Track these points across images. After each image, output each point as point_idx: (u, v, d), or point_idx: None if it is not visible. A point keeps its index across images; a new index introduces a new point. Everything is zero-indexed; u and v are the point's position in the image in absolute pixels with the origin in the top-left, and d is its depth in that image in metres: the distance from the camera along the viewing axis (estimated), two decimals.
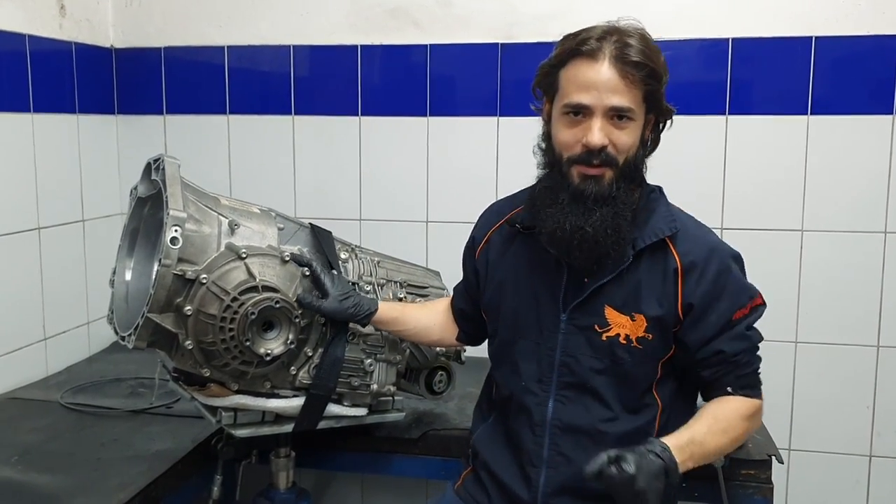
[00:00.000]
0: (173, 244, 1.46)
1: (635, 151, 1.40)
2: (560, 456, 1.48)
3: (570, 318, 1.48)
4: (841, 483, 2.44)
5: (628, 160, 1.39)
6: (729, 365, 1.47)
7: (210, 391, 1.64)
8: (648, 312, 1.43)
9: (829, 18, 2.28)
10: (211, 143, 2.66)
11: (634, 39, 1.36)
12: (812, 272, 2.38)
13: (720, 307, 1.45)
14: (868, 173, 2.31)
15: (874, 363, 2.38)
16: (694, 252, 1.45)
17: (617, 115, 1.36)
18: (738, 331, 1.46)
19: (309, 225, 1.79)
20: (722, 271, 1.45)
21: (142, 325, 1.49)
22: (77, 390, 2.19)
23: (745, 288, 1.49)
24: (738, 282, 1.48)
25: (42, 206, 2.34)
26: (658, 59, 1.38)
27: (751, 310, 1.47)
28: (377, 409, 1.81)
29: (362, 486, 2.69)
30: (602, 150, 1.37)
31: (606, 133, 1.36)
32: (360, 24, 2.53)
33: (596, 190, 1.38)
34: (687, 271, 1.43)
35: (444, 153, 2.54)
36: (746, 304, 1.47)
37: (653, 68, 1.36)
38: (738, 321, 1.46)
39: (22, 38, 2.26)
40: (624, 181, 1.40)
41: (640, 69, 1.34)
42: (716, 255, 1.46)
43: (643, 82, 1.35)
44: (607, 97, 1.35)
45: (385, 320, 1.67)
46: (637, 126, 1.39)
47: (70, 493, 1.58)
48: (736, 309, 1.46)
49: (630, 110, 1.36)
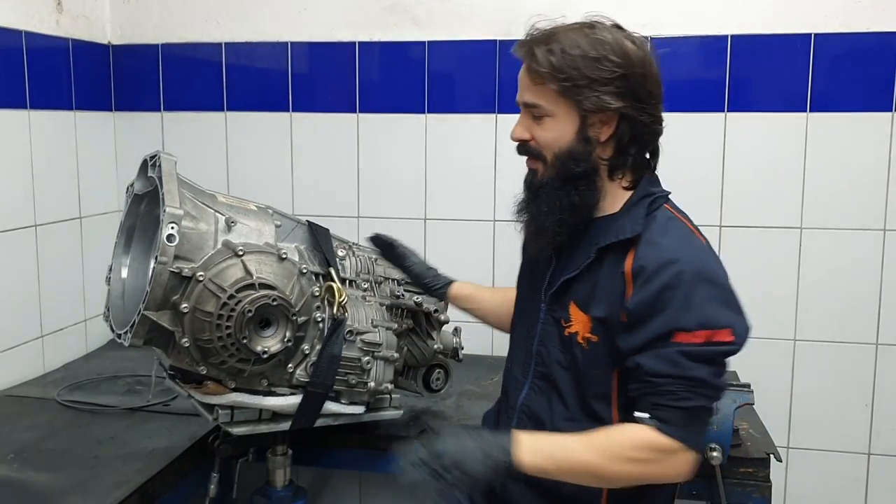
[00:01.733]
0: (170, 241, 1.46)
1: (566, 148, 1.39)
2: None
3: (548, 308, 1.50)
4: (839, 481, 2.44)
5: (558, 156, 1.40)
6: (645, 385, 1.32)
7: (207, 389, 1.64)
8: (594, 313, 1.41)
9: (829, 15, 2.27)
10: (208, 139, 2.66)
11: (554, 40, 1.37)
12: (811, 270, 2.37)
13: (656, 321, 1.31)
14: (867, 170, 2.31)
15: (873, 361, 2.38)
16: (648, 259, 1.34)
17: (534, 112, 1.42)
18: (668, 352, 1.30)
19: (306, 222, 1.78)
20: (672, 285, 1.30)
21: (138, 323, 1.48)
22: (74, 388, 2.19)
23: (701, 312, 1.30)
24: (690, 301, 1.30)
25: (39, 202, 2.34)
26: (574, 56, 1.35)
27: (704, 340, 1.29)
28: (374, 407, 1.80)
29: (360, 483, 2.69)
30: (523, 144, 1.44)
31: (527, 127, 1.43)
32: (358, 20, 2.53)
33: (530, 180, 1.46)
34: (634, 276, 1.35)
35: (443, 150, 2.53)
36: (694, 330, 1.29)
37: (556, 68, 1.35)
38: (674, 343, 1.30)
39: (19, 34, 2.26)
40: (558, 177, 1.41)
41: (542, 67, 1.37)
42: (672, 267, 1.31)
43: (550, 80, 1.36)
44: (522, 95, 1.43)
45: (458, 296, 1.83)
46: (557, 123, 1.39)
47: (66, 491, 1.58)
48: (675, 329, 1.30)
49: (537, 106, 1.40)
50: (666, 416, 1.30)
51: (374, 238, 1.90)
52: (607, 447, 1.31)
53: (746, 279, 2.36)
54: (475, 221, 2.52)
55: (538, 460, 1.31)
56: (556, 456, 1.32)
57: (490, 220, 2.50)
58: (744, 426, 1.94)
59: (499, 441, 1.30)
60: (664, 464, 1.32)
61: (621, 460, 1.31)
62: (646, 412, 1.31)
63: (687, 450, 1.31)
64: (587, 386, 1.44)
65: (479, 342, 2.49)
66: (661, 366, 1.30)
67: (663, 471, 1.33)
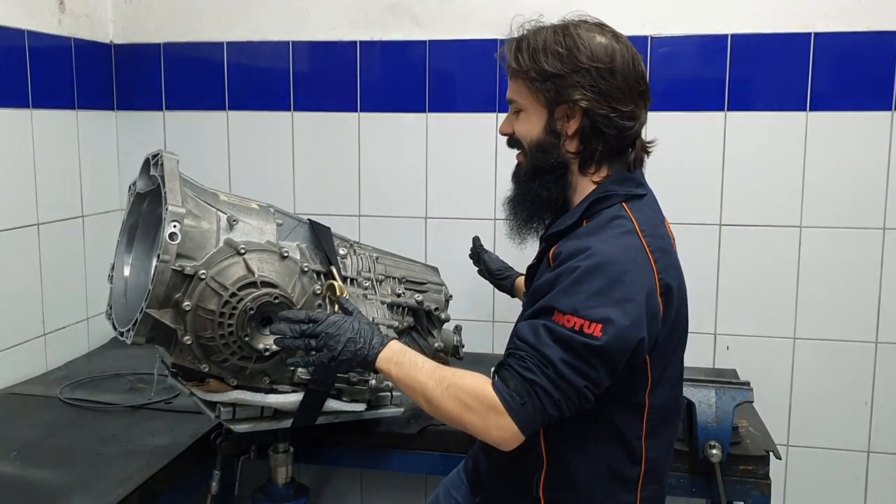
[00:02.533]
0: (172, 240, 1.47)
1: (537, 140, 1.44)
2: None
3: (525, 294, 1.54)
4: (839, 479, 2.44)
5: (530, 148, 1.46)
6: (510, 347, 1.34)
7: (209, 386, 1.64)
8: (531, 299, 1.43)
9: (828, 14, 2.28)
10: (210, 138, 2.66)
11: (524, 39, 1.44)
12: (810, 268, 2.38)
13: (545, 298, 1.32)
14: (867, 169, 2.31)
15: (872, 359, 2.38)
16: (567, 246, 1.35)
17: (513, 107, 1.49)
18: (535, 323, 1.31)
19: (308, 221, 1.79)
20: (570, 269, 1.30)
21: (140, 321, 1.49)
22: (76, 386, 2.19)
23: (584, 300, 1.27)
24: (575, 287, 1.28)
25: (41, 201, 2.34)
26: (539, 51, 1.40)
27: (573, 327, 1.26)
28: (375, 405, 1.81)
29: (361, 481, 2.70)
30: (509, 138, 1.50)
31: (510, 122, 1.50)
32: (359, 19, 2.53)
33: (514, 171, 1.52)
34: (552, 260, 1.38)
35: (444, 149, 2.54)
36: (566, 313, 1.27)
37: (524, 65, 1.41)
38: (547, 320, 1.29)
39: (21, 33, 2.26)
40: (532, 170, 1.46)
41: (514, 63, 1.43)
42: (579, 255, 1.30)
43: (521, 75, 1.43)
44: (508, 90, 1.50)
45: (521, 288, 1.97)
46: (528, 116, 1.45)
47: (69, 489, 1.59)
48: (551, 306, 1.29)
49: (513, 101, 1.48)
50: (506, 376, 1.30)
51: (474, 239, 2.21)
52: (448, 381, 1.34)
53: (746, 278, 2.40)
54: (476, 220, 2.52)
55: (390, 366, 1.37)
56: (405, 369, 1.37)
57: (490, 218, 2.51)
58: (743, 424, 1.94)
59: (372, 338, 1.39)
60: (484, 418, 1.30)
61: (451, 397, 1.33)
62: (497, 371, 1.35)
63: (507, 416, 1.28)
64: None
65: (480, 340, 2.50)
66: (525, 332, 1.31)
67: (481, 424, 1.31)
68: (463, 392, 1.32)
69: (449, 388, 1.33)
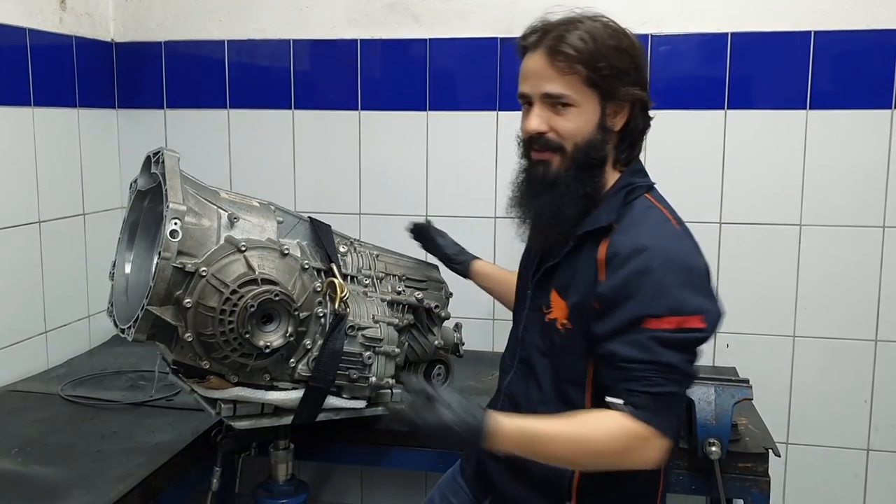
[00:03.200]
0: (173, 237, 1.47)
1: (587, 138, 1.40)
2: None
3: (533, 295, 1.52)
4: (838, 477, 2.44)
5: (578, 146, 1.40)
6: (619, 371, 1.31)
7: (209, 383, 1.65)
8: (570, 299, 1.42)
9: (829, 13, 2.28)
10: (211, 136, 2.67)
11: (575, 30, 1.37)
12: (810, 266, 2.38)
13: (626, 307, 1.31)
14: (867, 168, 2.31)
15: (872, 357, 2.38)
16: (621, 245, 1.35)
17: (555, 102, 1.39)
18: (640, 338, 1.29)
19: (308, 218, 1.80)
20: (642, 271, 1.30)
21: (141, 318, 1.50)
22: (77, 383, 2.20)
23: (671, 298, 1.29)
24: (660, 287, 1.29)
25: (43, 199, 2.35)
26: (604, 45, 1.37)
27: (676, 326, 1.28)
28: (376, 402, 1.81)
29: (361, 478, 2.70)
30: (541, 136, 1.41)
31: (545, 119, 1.40)
32: (359, 18, 2.54)
33: (542, 173, 1.43)
34: (607, 262, 1.36)
35: (444, 147, 2.54)
36: (664, 315, 1.28)
37: (586, 56, 1.36)
38: (646, 329, 1.29)
39: (22, 31, 2.27)
40: (575, 167, 1.41)
41: (571, 58, 1.36)
42: (644, 254, 1.31)
43: (578, 69, 1.36)
44: (541, 85, 1.39)
45: (478, 272, 1.92)
46: (581, 113, 1.39)
47: (70, 485, 1.59)
48: (646, 315, 1.29)
49: (563, 96, 1.38)
50: (639, 402, 1.29)
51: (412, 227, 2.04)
52: (581, 433, 1.30)
53: (746, 276, 2.40)
54: (476, 218, 2.53)
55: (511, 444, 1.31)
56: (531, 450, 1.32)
57: (491, 216, 2.51)
58: (743, 421, 1.94)
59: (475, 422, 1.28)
60: (637, 451, 1.30)
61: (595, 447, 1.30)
62: (619, 398, 1.30)
63: (660, 436, 1.30)
64: (562, 371, 1.45)
65: (480, 338, 2.50)
66: (634, 352, 1.29)
67: (635, 458, 1.31)
68: (603, 436, 1.30)
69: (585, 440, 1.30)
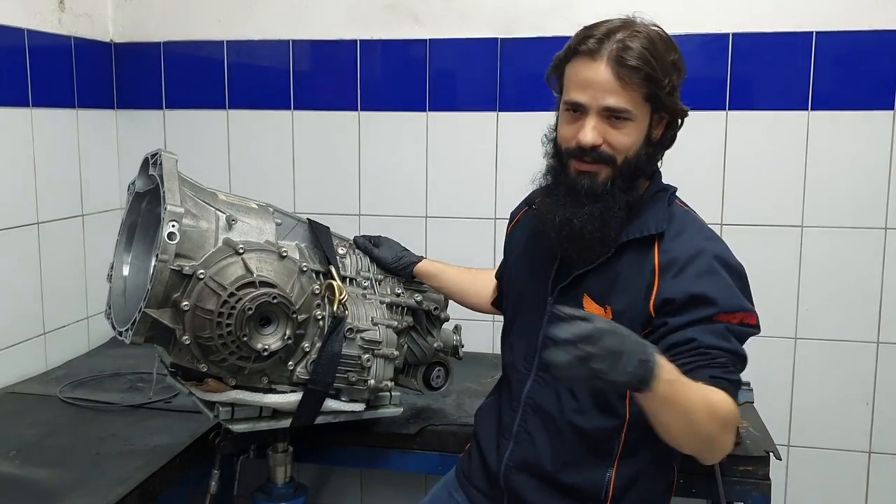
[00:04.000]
0: (170, 239, 1.46)
1: (637, 151, 1.39)
2: (526, 433, 1.51)
3: (556, 302, 1.49)
4: (840, 480, 2.44)
5: (628, 159, 1.39)
6: (702, 357, 1.31)
7: (208, 386, 1.64)
8: (615, 306, 1.41)
9: (830, 13, 2.27)
10: (210, 137, 2.66)
11: (638, 40, 1.35)
12: (812, 268, 2.37)
13: (701, 303, 1.33)
14: (868, 169, 2.31)
15: (874, 360, 2.38)
16: (677, 250, 1.38)
17: (613, 116, 1.36)
18: (718, 328, 1.33)
19: (307, 220, 1.79)
20: (707, 272, 1.36)
21: (139, 321, 1.49)
22: (76, 385, 2.19)
23: (736, 296, 1.36)
24: (726, 286, 1.36)
25: (41, 200, 2.34)
26: (663, 59, 1.36)
27: (739, 322, 1.34)
28: (375, 405, 1.81)
29: (360, 480, 2.70)
30: (594, 149, 1.38)
31: (601, 132, 1.37)
32: (359, 18, 2.53)
33: (588, 185, 1.39)
34: (664, 269, 1.38)
35: (444, 148, 2.54)
36: (734, 311, 1.34)
37: (651, 71, 1.34)
38: (720, 321, 1.33)
39: (21, 32, 2.26)
40: (622, 179, 1.40)
41: (638, 72, 1.33)
42: (702, 256, 1.37)
43: (642, 84, 1.34)
44: (602, 97, 1.35)
45: (423, 273, 1.86)
46: (637, 126, 1.38)
47: (68, 488, 1.59)
48: (719, 311, 1.33)
49: (625, 111, 1.35)
50: (723, 387, 1.29)
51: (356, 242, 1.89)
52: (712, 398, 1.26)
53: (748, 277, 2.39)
54: (476, 219, 2.52)
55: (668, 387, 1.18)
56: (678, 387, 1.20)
57: (491, 217, 2.50)
58: (744, 424, 1.93)
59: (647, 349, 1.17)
60: (733, 431, 1.31)
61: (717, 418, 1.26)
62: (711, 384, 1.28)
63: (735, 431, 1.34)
64: None
65: (480, 340, 2.50)
66: (715, 339, 1.31)
67: (731, 438, 1.31)
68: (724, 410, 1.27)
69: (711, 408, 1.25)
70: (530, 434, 1.50)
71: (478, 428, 1.66)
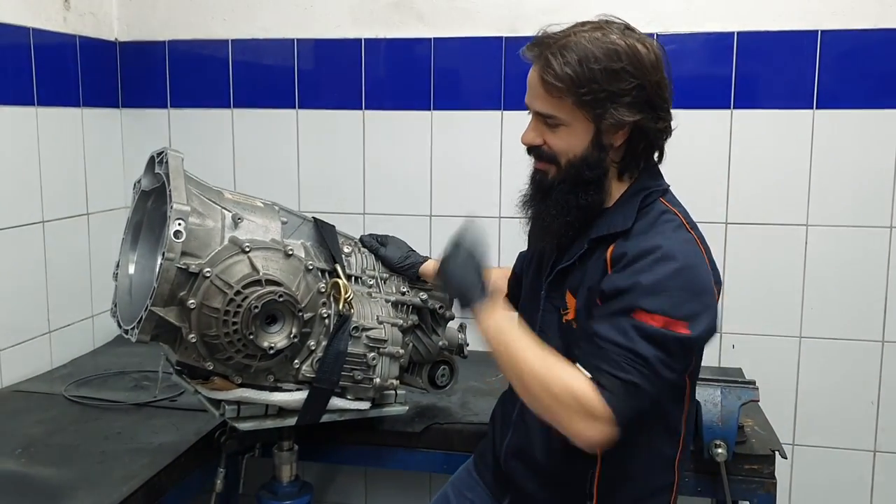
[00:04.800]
0: (177, 238, 1.47)
1: (580, 154, 1.39)
2: (522, 422, 1.53)
3: (547, 296, 1.51)
4: (845, 478, 2.43)
5: (570, 161, 1.40)
6: (594, 348, 1.29)
7: (213, 384, 1.64)
8: (578, 301, 1.43)
9: (835, 12, 2.27)
10: (215, 136, 2.66)
11: (566, 51, 1.34)
12: (817, 267, 2.37)
13: (624, 298, 1.30)
14: (874, 168, 2.30)
15: (879, 358, 2.37)
16: (630, 246, 1.35)
17: (546, 119, 1.40)
18: (622, 322, 1.28)
19: (312, 219, 1.79)
20: (643, 269, 1.30)
21: (145, 319, 1.49)
22: (81, 383, 2.20)
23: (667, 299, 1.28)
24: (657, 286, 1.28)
25: (46, 199, 2.35)
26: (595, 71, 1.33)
27: (662, 325, 1.26)
28: (380, 403, 1.81)
29: (365, 479, 2.70)
30: (533, 148, 1.44)
31: (540, 133, 1.42)
32: (363, 17, 2.53)
33: (539, 181, 1.46)
34: (614, 261, 1.36)
35: (448, 147, 2.53)
36: (653, 313, 1.27)
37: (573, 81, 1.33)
38: (632, 319, 1.28)
39: (26, 31, 2.26)
40: (569, 181, 1.40)
41: (554, 86, 1.34)
42: (651, 254, 1.31)
43: (568, 92, 1.34)
44: (533, 101, 1.41)
45: (430, 274, 1.85)
46: (572, 131, 1.38)
47: (74, 486, 1.59)
48: (637, 306, 1.28)
49: (552, 116, 1.38)
50: (604, 381, 1.26)
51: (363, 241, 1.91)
52: (548, 369, 1.30)
53: (752, 276, 2.39)
54: (481, 218, 2.51)
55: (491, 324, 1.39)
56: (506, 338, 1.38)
57: (496, 216, 2.50)
58: (749, 423, 1.94)
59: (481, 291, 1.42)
60: (582, 421, 1.27)
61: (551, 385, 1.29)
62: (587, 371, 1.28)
63: (611, 422, 1.26)
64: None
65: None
66: (613, 333, 1.28)
67: (577, 426, 1.28)
68: (562, 386, 1.27)
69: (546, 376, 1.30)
70: (525, 423, 1.52)
71: (494, 414, 1.71)
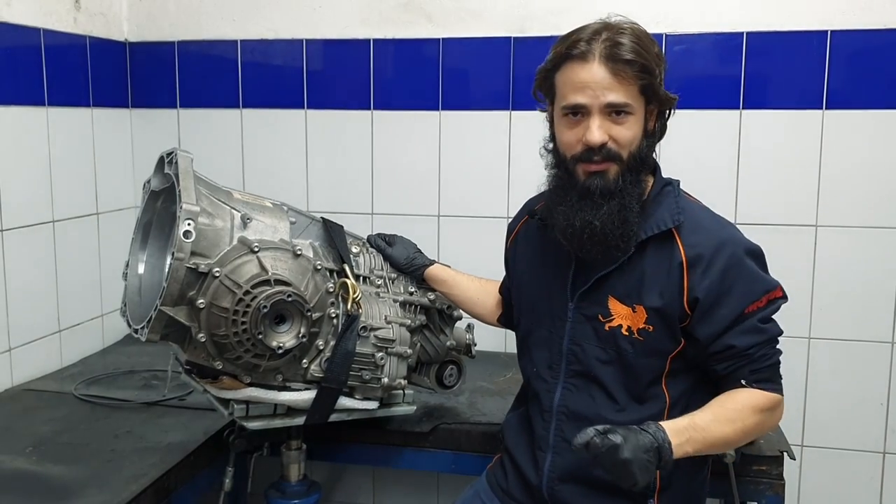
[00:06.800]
0: (186, 238, 1.47)
1: (639, 143, 1.42)
2: (565, 442, 1.52)
3: (577, 307, 1.51)
4: (854, 480, 2.42)
5: (632, 153, 1.42)
6: (742, 359, 1.44)
7: (222, 384, 1.65)
8: (649, 304, 1.44)
9: (845, 12, 2.26)
10: (224, 136, 2.67)
11: (625, 36, 1.38)
12: (826, 268, 2.36)
13: (730, 301, 1.43)
14: (883, 168, 2.29)
15: (888, 360, 2.36)
16: (702, 245, 1.43)
17: (614, 111, 1.39)
18: (750, 324, 1.43)
19: (321, 219, 1.79)
20: (732, 265, 1.43)
21: (155, 318, 1.50)
22: (91, 382, 2.21)
23: (760, 280, 1.46)
24: (750, 274, 1.45)
25: (56, 199, 2.36)
26: (651, 52, 1.40)
27: (767, 302, 1.45)
28: (388, 403, 1.82)
29: (373, 478, 2.70)
30: (602, 147, 1.40)
31: (606, 129, 1.40)
32: (372, 17, 2.53)
33: (602, 185, 1.42)
34: (692, 264, 1.42)
35: (457, 147, 2.54)
36: (761, 297, 1.44)
37: (644, 63, 1.38)
38: (750, 314, 1.43)
39: (37, 31, 2.28)
40: (630, 173, 1.42)
41: (632, 66, 1.37)
42: (725, 248, 1.43)
43: (637, 77, 1.38)
44: (602, 95, 1.38)
45: (434, 278, 1.85)
46: (637, 119, 1.41)
47: (83, 484, 1.60)
48: (748, 303, 1.43)
49: (627, 105, 1.39)
50: (764, 376, 1.45)
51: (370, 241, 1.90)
52: (735, 418, 1.42)
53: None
54: (489, 218, 2.52)
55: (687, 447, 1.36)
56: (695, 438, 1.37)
57: (504, 216, 2.50)
58: None
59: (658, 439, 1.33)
60: (773, 417, 1.49)
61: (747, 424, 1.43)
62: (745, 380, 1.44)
63: (781, 399, 1.48)
64: (639, 375, 1.48)
65: (492, 339, 2.49)
66: (751, 339, 1.43)
67: (772, 423, 1.51)
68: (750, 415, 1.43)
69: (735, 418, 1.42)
70: (569, 442, 1.47)
71: (508, 442, 1.67)
